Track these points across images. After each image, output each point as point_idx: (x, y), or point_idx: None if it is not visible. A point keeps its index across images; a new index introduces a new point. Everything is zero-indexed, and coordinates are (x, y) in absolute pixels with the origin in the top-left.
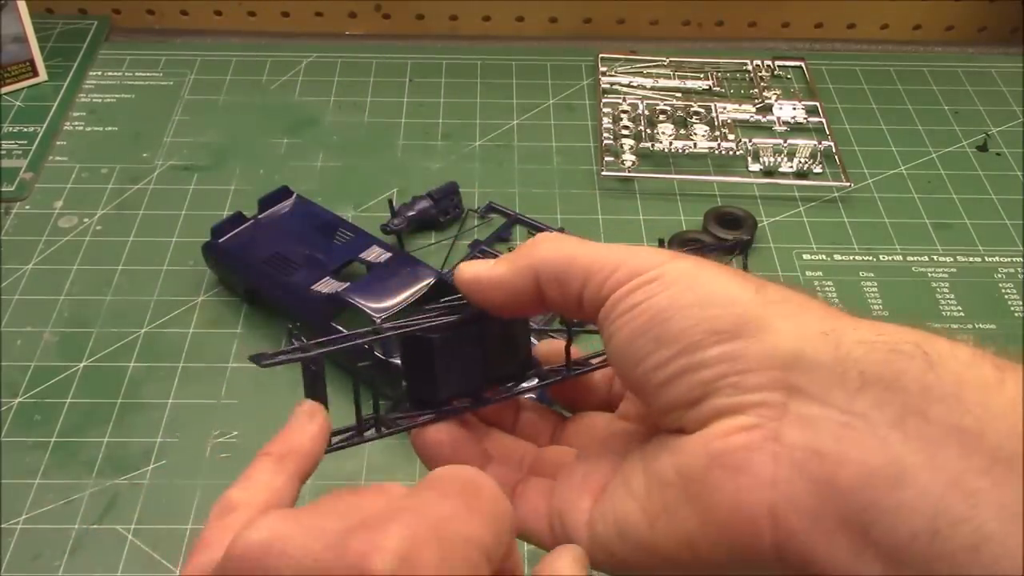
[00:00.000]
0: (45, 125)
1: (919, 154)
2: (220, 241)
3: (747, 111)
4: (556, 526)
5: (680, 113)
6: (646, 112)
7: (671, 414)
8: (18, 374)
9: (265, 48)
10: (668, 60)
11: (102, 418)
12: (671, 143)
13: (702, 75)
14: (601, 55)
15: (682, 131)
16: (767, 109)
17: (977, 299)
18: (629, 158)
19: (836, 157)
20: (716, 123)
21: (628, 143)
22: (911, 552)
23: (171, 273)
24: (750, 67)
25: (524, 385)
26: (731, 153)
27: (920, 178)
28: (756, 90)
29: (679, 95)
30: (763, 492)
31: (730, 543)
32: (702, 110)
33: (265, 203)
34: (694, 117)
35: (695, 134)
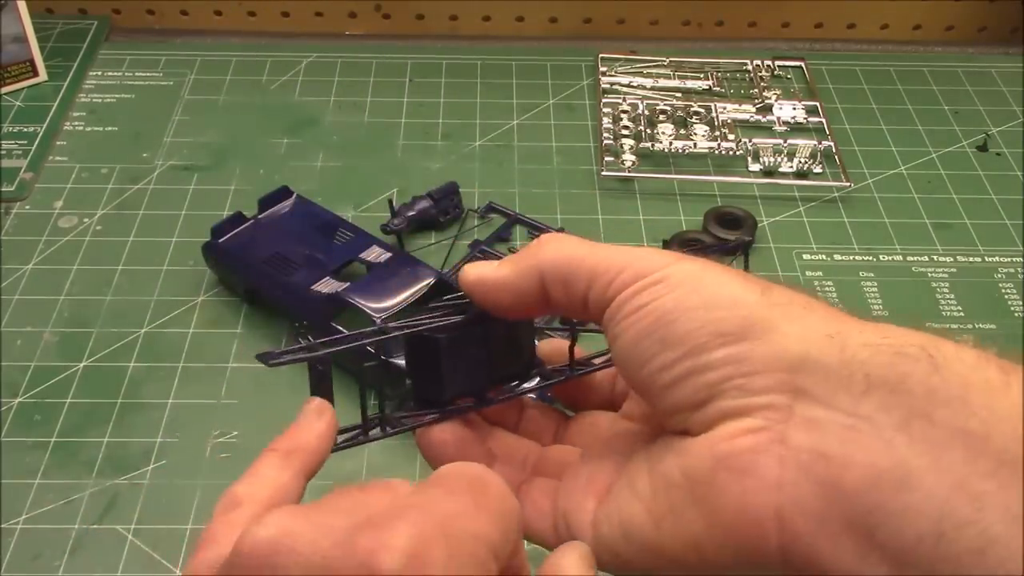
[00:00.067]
0: (45, 125)
1: (919, 154)
2: (220, 241)
3: (747, 111)
4: (560, 526)
5: (680, 113)
6: (646, 112)
7: (676, 416)
8: (18, 374)
9: (265, 48)
10: (668, 60)
11: (102, 418)
12: (671, 143)
13: (702, 75)
14: (601, 55)
15: (682, 131)
16: (767, 109)
17: (977, 299)
18: (629, 158)
19: (836, 157)
20: (716, 123)
21: (628, 143)
22: (917, 555)
23: (171, 273)
24: (750, 67)
25: (527, 385)
26: (731, 153)
27: (920, 178)
28: (756, 90)
29: (679, 95)
30: (769, 494)
31: (736, 545)
32: (702, 110)
33: (265, 203)
34: (694, 117)
35: (695, 134)
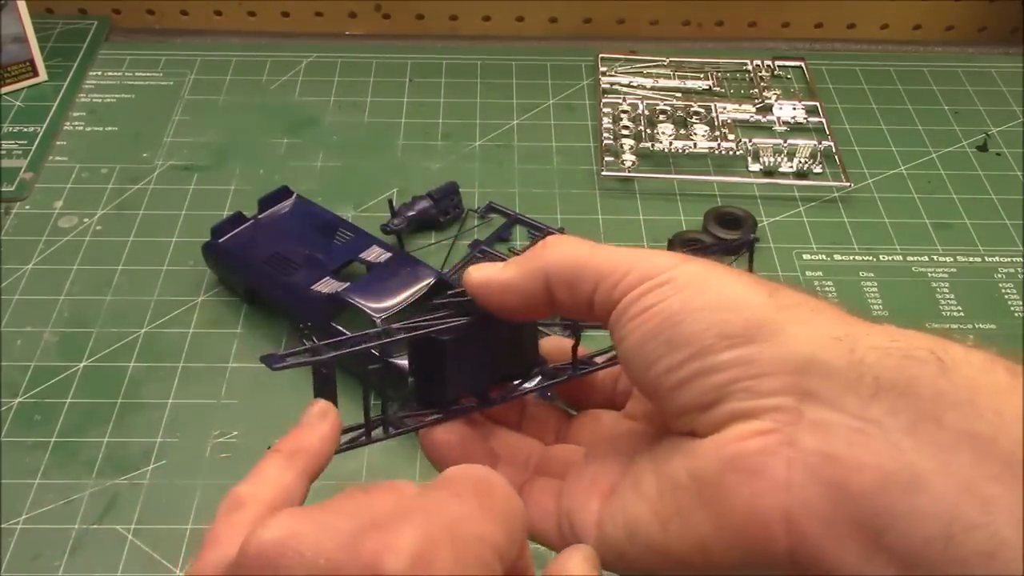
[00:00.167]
0: (45, 125)
1: (919, 154)
2: (220, 241)
3: (747, 111)
4: (564, 526)
5: (680, 113)
6: (646, 112)
7: (683, 417)
8: (18, 374)
9: (265, 48)
10: (668, 60)
11: (102, 418)
12: (671, 143)
13: (702, 75)
14: (601, 55)
15: (682, 131)
16: (767, 109)
17: (977, 299)
18: (629, 158)
19: (836, 157)
20: (716, 123)
21: (628, 143)
22: (924, 557)
23: (171, 273)
24: (750, 67)
25: (530, 385)
26: (731, 153)
27: (920, 178)
28: (756, 90)
29: (679, 95)
30: (777, 496)
31: (743, 547)
32: (702, 110)
33: (265, 203)
34: (694, 117)
35: (695, 134)
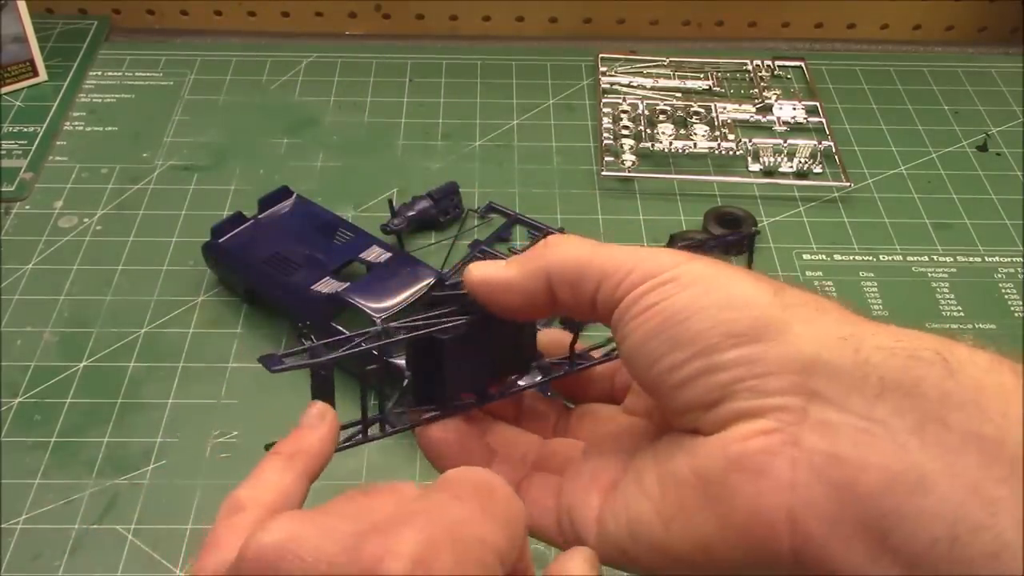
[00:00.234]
0: (45, 125)
1: (919, 154)
2: (220, 241)
3: (747, 111)
4: (564, 522)
5: (680, 113)
6: (646, 112)
7: (687, 415)
8: (18, 374)
9: (265, 48)
10: (668, 60)
11: (102, 418)
12: (671, 143)
13: (702, 75)
14: (601, 55)
15: (682, 131)
16: (767, 109)
17: (977, 299)
18: (629, 158)
19: (836, 157)
20: (716, 123)
21: (628, 143)
22: (930, 558)
23: (171, 273)
24: (750, 67)
25: (527, 382)
26: (731, 153)
27: (920, 178)
28: (756, 90)
29: (679, 95)
30: (782, 496)
31: (747, 546)
32: (702, 110)
33: (265, 203)
34: (694, 117)
35: (695, 134)
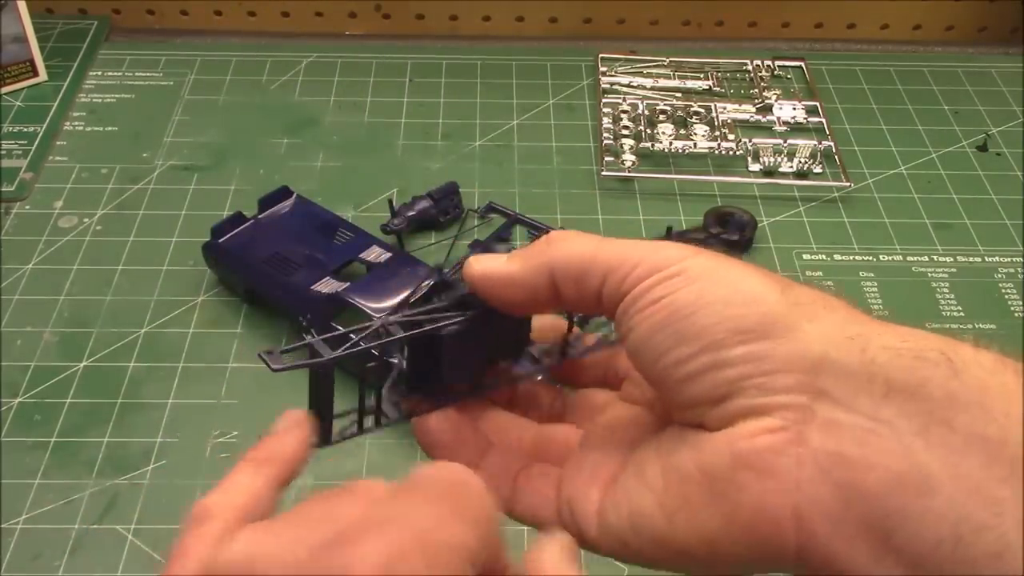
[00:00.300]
0: (45, 125)
1: (919, 154)
2: (220, 241)
3: (747, 111)
4: (565, 514)
5: (680, 113)
6: (646, 112)
7: (692, 409)
8: (18, 374)
9: (265, 48)
10: (668, 60)
11: (102, 418)
12: (671, 143)
13: (702, 75)
14: (601, 55)
15: (682, 131)
16: (767, 109)
17: (977, 299)
18: (629, 158)
19: (836, 157)
20: (716, 123)
21: (628, 143)
22: (934, 558)
23: (171, 273)
24: (750, 67)
25: (523, 371)
26: (731, 153)
27: (920, 178)
28: (756, 90)
29: (679, 95)
30: (787, 495)
31: (751, 543)
32: (702, 110)
33: (265, 203)
34: (694, 117)
35: (695, 134)
